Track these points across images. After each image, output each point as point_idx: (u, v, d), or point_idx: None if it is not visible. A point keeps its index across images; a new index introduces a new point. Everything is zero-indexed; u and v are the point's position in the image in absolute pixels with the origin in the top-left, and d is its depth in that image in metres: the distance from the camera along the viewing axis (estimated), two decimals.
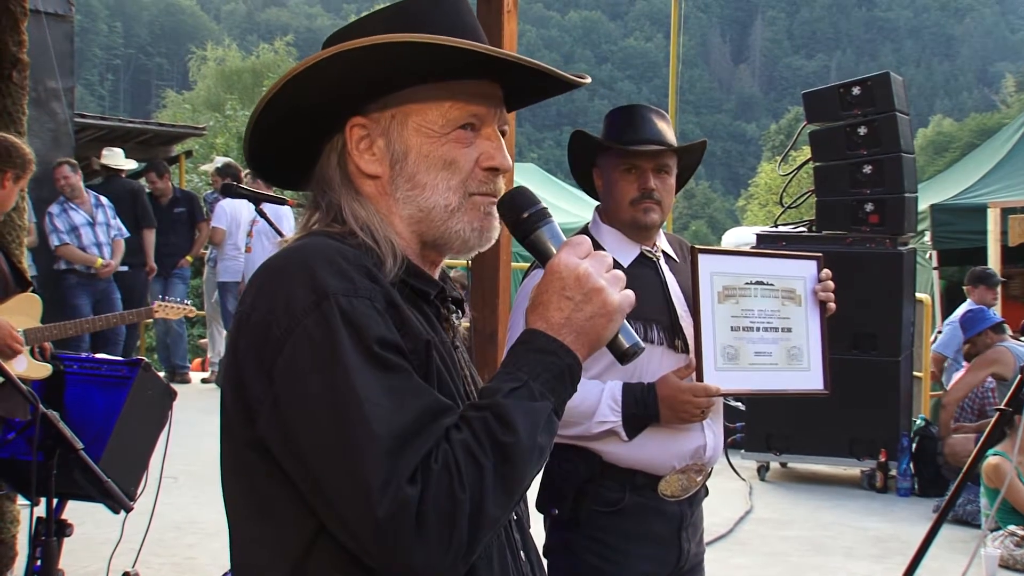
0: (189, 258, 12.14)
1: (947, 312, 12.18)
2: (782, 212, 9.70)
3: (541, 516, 3.34)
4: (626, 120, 3.36)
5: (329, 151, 1.80)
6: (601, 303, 1.66)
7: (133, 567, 4.82)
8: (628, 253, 3.34)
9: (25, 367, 4.74)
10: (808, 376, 3.41)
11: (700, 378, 3.19)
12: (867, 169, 8.72)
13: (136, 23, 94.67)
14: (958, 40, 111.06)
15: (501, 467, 1.53)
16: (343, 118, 1.77)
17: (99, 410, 4.82)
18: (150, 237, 11.55)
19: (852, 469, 8.94)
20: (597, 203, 3.51)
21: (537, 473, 1.63)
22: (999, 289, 10.46)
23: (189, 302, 6.26)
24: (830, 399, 3.53)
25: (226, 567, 1.94)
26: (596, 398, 3.14)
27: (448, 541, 1.49)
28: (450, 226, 1.76)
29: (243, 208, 11.13)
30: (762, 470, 9.04)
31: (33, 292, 4.94)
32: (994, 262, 11.50)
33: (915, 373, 9.53)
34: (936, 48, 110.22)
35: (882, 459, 8.57)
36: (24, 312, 4.83)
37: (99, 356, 5.65)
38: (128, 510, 4.39)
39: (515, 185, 1.81)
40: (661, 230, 3.49)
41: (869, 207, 8.69)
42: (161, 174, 12.10)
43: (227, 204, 11.43)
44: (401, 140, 1.75)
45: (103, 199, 10.85)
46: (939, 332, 10.86)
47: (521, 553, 1.82)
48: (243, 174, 11.23)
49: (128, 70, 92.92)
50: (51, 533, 4.12)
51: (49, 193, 10.39)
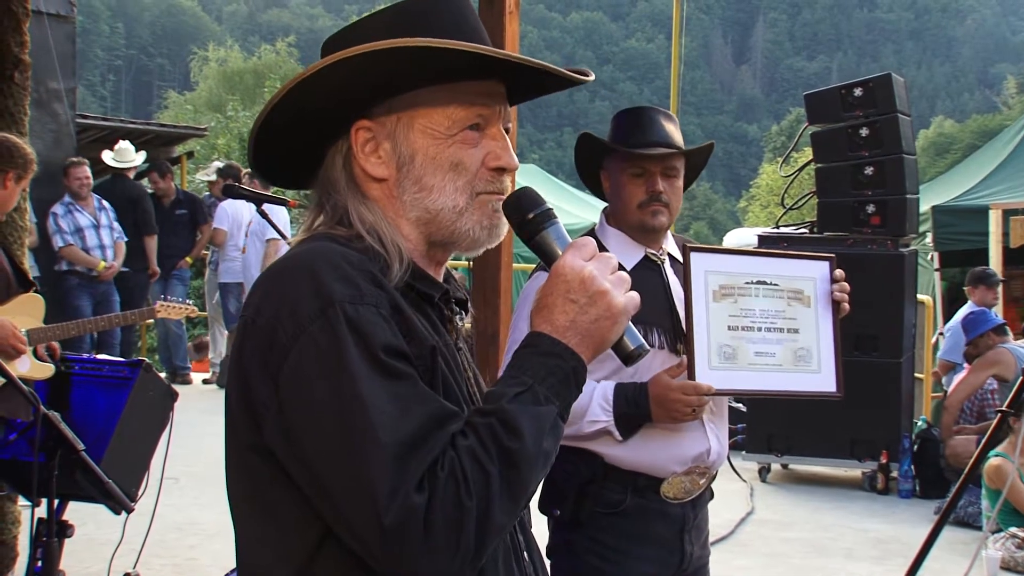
0: (189, 259, 12.13)
1: (948, 313, 12.19)
2: (783, 213, 9.70)
3: (544, 517, 3.35)
4: (633, 122, 3.34)
5: (334, 154, 1.79)
6: (606, 306, 1.65)
7: (134, 568, 4.82)
8: (632, 256, 3.33)
9: (28, 368, 4.75)
10: (819, 378, 3.37)
11: (692, 377, 3.17)
12: (869, 170, 8.72)
13: (138, 24, 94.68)
14: (959, 42, 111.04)
15: (507, 473, 1.53)
16: (348, 121, 1.76)
17: (100, 411, 4.82)
18: (151, 243, 11.53)
19: (853, 470, 8.94)
20: (604, 205, 3.51)
21: (543, 477, 1.62)
22: (1000, 289, 10.46)
23: (191, 302, 6.26)
24: (831, 400, 3.48)
25: (227, 568, 1.95)
26: (588, 398, 3.14)
27: (455, 548, 1.49)
28: (459, 226, 1.76)
29: (244, 209, 11.14)
30: (763, 471, 9.04)
31: (36, 292, 4.94)
32: (996, 263, 11.49)
33: (916, 374, 9.53)
34: (937, 49, 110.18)
35: (883, 461, 8.57)
36: (27, 312, 4.83)
37: (101, 357, 5.65)
38: (129, 511, 4.39)
39: (519, 186, 1.81)
40: (669, 232, 3.49)
41: (871, 208, 8.69)
42: (163, 174, 12.10)
43: (228, 205, 11.43)
44: (407, 143, 1.74)
45: (105, 202, 10.87)
46: (941, 334, 10.85)
47: (524, 554, 1.82)
48: (243, 173, 11.23)
49: (130, 71, 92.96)
50: (52, 534, 4.12)
51: (50, 194, 10.38)
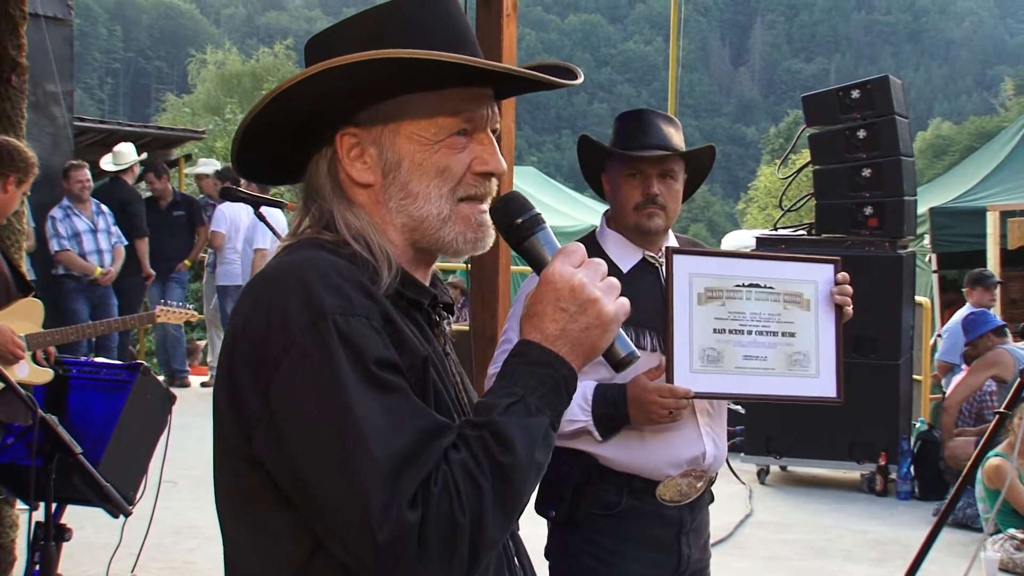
0: (188, 262, 12.11)
1: (944, 309, 12.21)
2: (782, 215, 9.70)
3: (542, 518, 3.35)
4: (632, 125, 3.35)
5: (319, 159, 1.77)
6: (596, 314, 1.64)
7: (132, 571, 4.82)
8: (630, 258, 3.34)
9: (27, 372, 4.74)
10: (816, 383, 3.33)
11: (670, 379, 3.17)
12: (866, 172, 8.72)
13: (135, 27, 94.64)
14: (957, 44, 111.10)
15: (500, 487, 1.53)
16: (333, 126, 1.74)
17: (98, 414, 4.82)
18: (142, 246, 11.43)
19: (852, 472, 8.94)
20: (606, 208, 3.52)
21: (535, 488, 1.62)
22: (998, 291, 10.46)
23: (191, 306, 6.25)
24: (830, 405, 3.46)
25: None
26: None
27: (449, 564, 1.49)
28: (443, 235, 1.74)
29: (242, 212, 11.12)
30: (762, 474, 9.03)
31: (34, 297, 4.94)
32: (993, 265, 11.48)
33: (915, 376, 9.53)
34: (935, 52, 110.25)
35: (882, 462, 8.57)
36: (26, 317, 4.83)
37: (98, 360, 5.64)
38: (127, 514, 4.39)
39: (511, 189, 1.80)
40: (671, 233, 3.48)
41: (868, 210, 8.69)
42: (159, 175, 12.05)
43: (227, 208, 11.41)
44: (393, 149, 1.73)
45: (103, 206, 10.85)
46: (939, 336, 10.85)
47: (515, 560, 1.82)
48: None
49: (127, 74, 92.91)
50: (50, 537, 4.12)
51: (48, 197, 10.37)
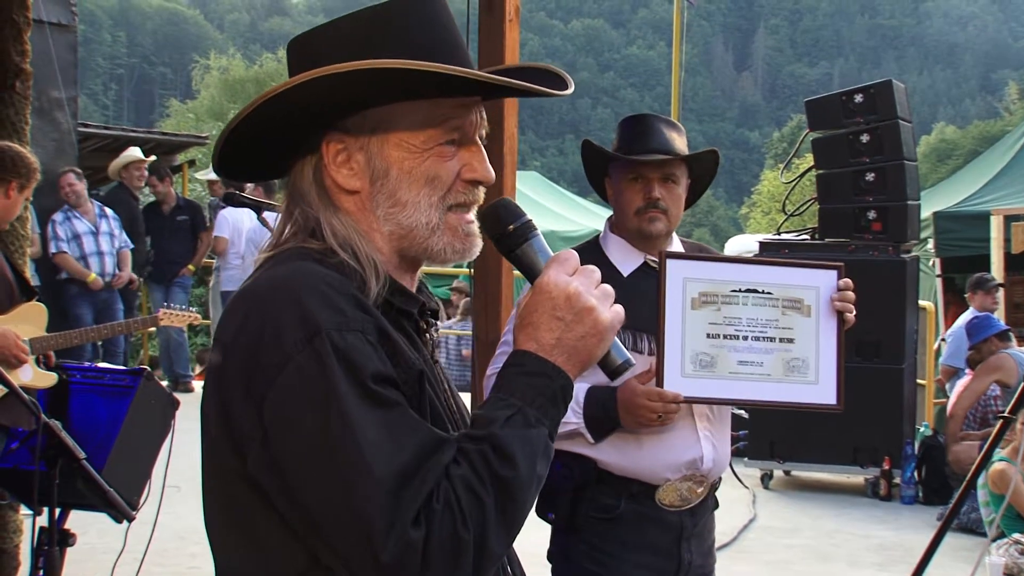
0: (192, 267, 12.11)
1: (948, 314, 12.20)
2: (785, 220, 9.70)
3: (545, 523, 3.36)
4: (634, 130, 3.37)
5: (304, 164, 1.73)
6: (592, 322, 1.63)
7: None
8: (631, 262, 3.35)
9: (31, 376, 4.75)
10: (816, 390, 3.31)
11: (660, 384, 3.17)
12: (870, 176, 8.72)
13: (140, 33, 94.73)
14: (961, 48, 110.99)
15: (502, 502, 1.52)
16: (319, 131, 1.71)
17: (102, 419, 4.82)
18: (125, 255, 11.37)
19: (856, 477, 8.93)
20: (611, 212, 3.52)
21: (536, 500, 1.61)
22: (1000, 294, 10.45)
23: (195, 309, 6.25)
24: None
25: None
26: None
27: None
28: (431, 244, 1.71)
29: (245, 217, 11.13)
30: (766, 478, 9.02)
31: (38, 301, 4.94)
32: (997, 269, 11.48)
33: (918, 380, 9.52)
34: (939, 55, 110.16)
35: (886, 467, 8.56)
36: (30, 321, 4.84)
37: (102, 365, 5.65)
38: (131, 519, 4.39)
39: (503, 196, 1.78)
40: (677, 238, 3.49)
41: (872, 215, 8.68)
42: (162, 178, 12.00)
43: (229, 213, 11.41)
44: (382, 156, 1.69)
45: (108, 210, 10.85)
46: (943, 340, 10.84)
47: (507, 567, 1.81)
48: None
49: (131, 79, 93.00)
50: (54, 543, 4.12)
51: (52, 203, 10.38)
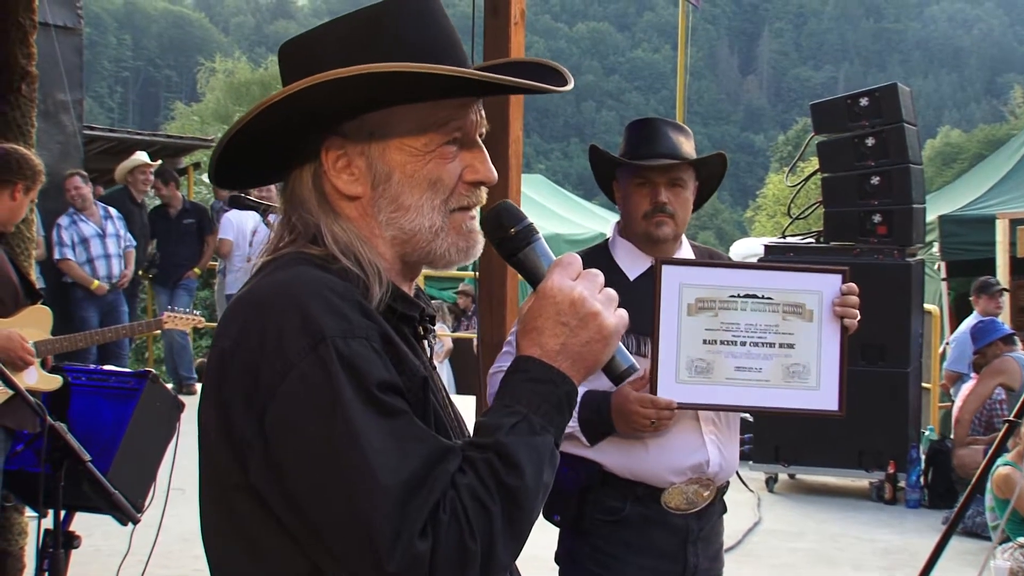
0: (197, 270, 12.11)
1: (955, 323, 12.16)
2: (790, 223, 9.70)
3: (553, 526, 3.36)
4: (641, 134, 3.38)
5: (302, 170, 1.70)
6: (597, 328, 1.61)
7: None
8: (639, 266, 3.36)
9: (36, 379, 4.76)
10: (816, 395, 3.29)
11: (653, 390, 3.17)
12: (875, 180, 8.71)
13: (145, 35, 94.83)
14: (966, 51, 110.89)
15: (509, 511, 1.50)
16: (317, 136, 1.68)
17: (107, 422, 4.83)
18: (131, 254, 11.41)
19: (861, 481, 8.92)
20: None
21: (542, 507, 1.59)
22: (1004, 298, 10.43)
23: (199, 312, 6.25)
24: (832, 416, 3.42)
25: None
26: None
27: None
28: (434, 247, 1.69)
29: (250, 220, 11.14)
30: (770, 482, 9.01)
31: (43, 304, 4.95)
32: (1003, 273, 11.47)
33: (923, 384, 9.51)
34: (944, 59, 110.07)
35: (891, 471, 8.55)
36: (35, 324, 4.84)
37: (107, 368, 5.65)
38: (136, 522, 4.39)
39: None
40: (687, 242, 3.49)
41: (877, 218, 8.68)
42: (167, 181, 11.99)
43: (233, 216, 11.43)
44: (383, 160, 1.66)
45: (112, 211, 10.86)
46: (948, 344, 10.83)
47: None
48: None
49: (137, 82, 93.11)
50: (59, 545, 4.12)
51: (57, 205, 10.39)
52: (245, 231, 11.34)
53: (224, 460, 1.58)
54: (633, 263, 3.37)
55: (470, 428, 1.67)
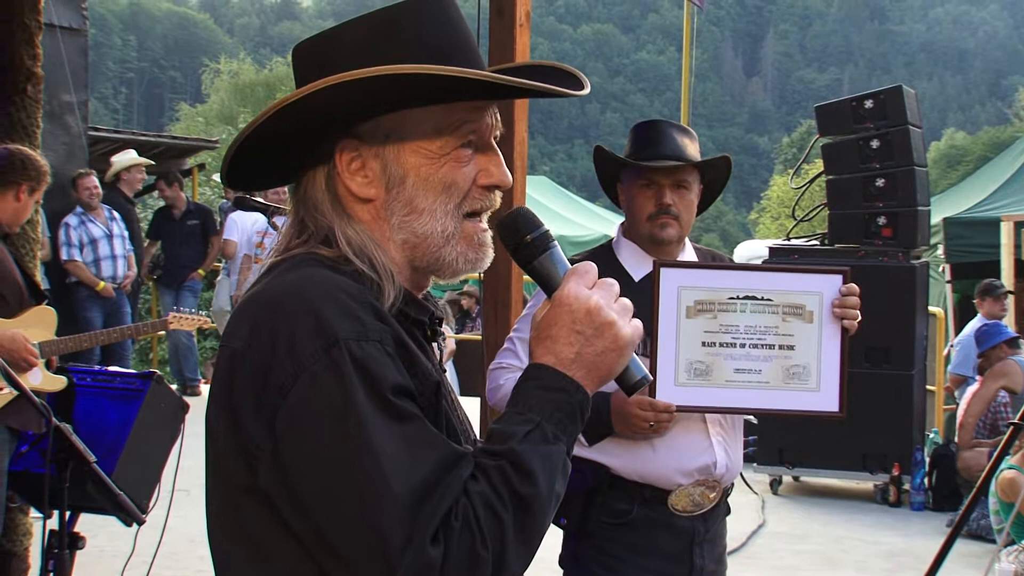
0: (202, 271, 12.12)
1: (960, 325, 12.14)
2: (795, 225, 9.69)
3: (557, 528, 3.36)
4: (646, 136, 3.38)
5: (316, 172, 1.69)
6: (612, 338, 1.60)
7: None
8: (643, 267, 3.35)
9: (40, 380, 4.76)
10: (817, 397, 3.29)
11: (652, 393, 3.17)
12: (880, 182, 8.71)
13: (150, 37, 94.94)
14: (971, 53, 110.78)
15: (521, 519, 1.49)
16: (331, 138, 1.66)
17: (112, 423, 4.83)
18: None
19: (865, 483, 8.91)
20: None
21: (553, 517, 1.58)
22: (1008, 301, 10.41)
23: (204, 313, 6.26)
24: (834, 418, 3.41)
25: None
26: None
27: None
28: (444, 254, 1.67)
29: (255, 221, 11.14)
30: (775, 484, 9.01)
31: (48, 305, 4.96)
32: (1007, 275, 11.45)
33: (928, 387, 9.50)
34: (949, 61, 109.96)
35: (895, 473, 8.54)
36: (39, 325, 4.84)
37: (112, 369, 5.66)
38: (140, 523, 4.39)
39: (520, 204, 1.75)
40: (689, 243, 3.50)
41: (882, 220, 8.68)
42: (170, 183, 12.00)
43: (238, 217, 11.43)
44: (398, 163, 1.65)
45: (115, 212, 10.88)
46: (952, 346, 10.82)
47: None
48: None
49: (142, 83, 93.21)
50: (64, 546, 4.12)
51: (63, 206, 10.40)
52: (249, 232, 11.34)
53: (232, 463, 1.56)
54: (638, 264, 3.38)
55: (474, 430, 1.67)
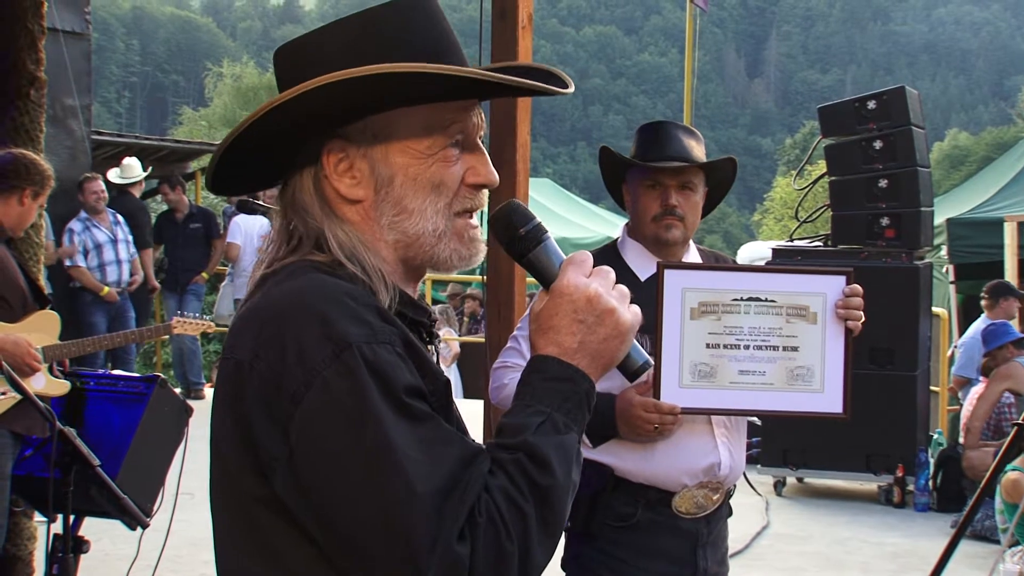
0: (205, 275, 12.13)
1: (964, 326, 12.13)
2: (798, 226, 9.68)
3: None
4: (652, 137, 3.38)
5: (303, 174, 1.67)
6: (614, 324, 1.61)
7: None
8: (649, 267, 3.35)
9: (43, 384, 4.76)
10: (821, 398, 3.28)
11: (657, 395, 3.17)
12: (883, 183, 8.71)
13: (153, 41, 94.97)
14: (974, 54, 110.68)
15: (542, 511, 1.50)
16: (317, 140, 1.65)
17: (116, 427, 4.84)
18: (147, 257, 11.45)
19: (869, 484, 8.91)
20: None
21: (570, 507, 1.58)
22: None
23: (208, 317, 6.26)
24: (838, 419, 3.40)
25: None
26: None
27: None
28: (436, 252, 1.67)
29: (258, 224, 11.16)
30: (779, 485, 9.00)
31: (51, 309, 4.96)
32: (1011, 276, 11.43)
33: (932, 388, 9.49)
34: (951, 62, 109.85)
35: (899, 474, 8.54)
36: (42, 329, 4.85)
37: (115, 372, 5.66)
38: (144, 526, 4.39)
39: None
40: (694, 245, 3.50)
41: (885, 221, 8.67)
42: (173, 186, 12.03)
43: (242, 220, 11.45)
44: (386, 163, 1.64)
45: (119, 216, 10.90)
46: (956, 348, 10.80)
47: None
48: None
49: (145, 87, 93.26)
50: (68, 549, 4.13)
51: (66, 210, 10.42)
52: (253, 235, 11.36)
53: (243, 474, 1.55)
54: (643, 264, 3.37)
55: (472, 432, 1.66)
